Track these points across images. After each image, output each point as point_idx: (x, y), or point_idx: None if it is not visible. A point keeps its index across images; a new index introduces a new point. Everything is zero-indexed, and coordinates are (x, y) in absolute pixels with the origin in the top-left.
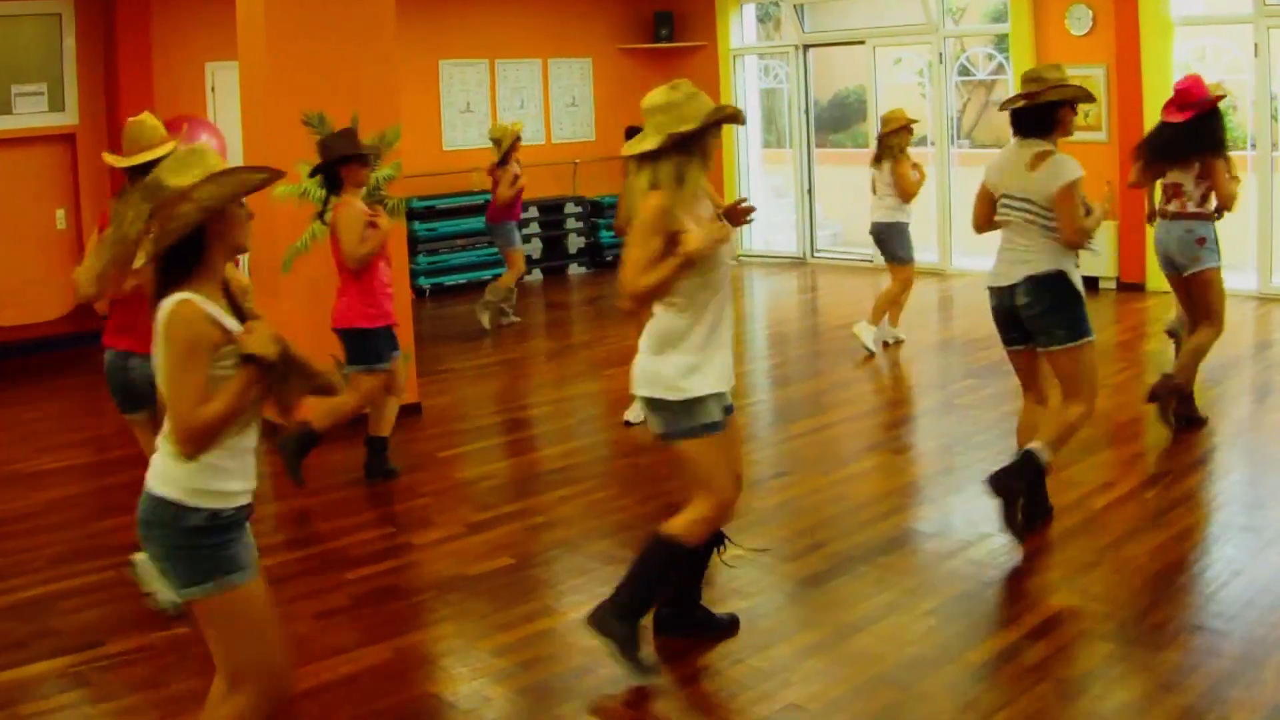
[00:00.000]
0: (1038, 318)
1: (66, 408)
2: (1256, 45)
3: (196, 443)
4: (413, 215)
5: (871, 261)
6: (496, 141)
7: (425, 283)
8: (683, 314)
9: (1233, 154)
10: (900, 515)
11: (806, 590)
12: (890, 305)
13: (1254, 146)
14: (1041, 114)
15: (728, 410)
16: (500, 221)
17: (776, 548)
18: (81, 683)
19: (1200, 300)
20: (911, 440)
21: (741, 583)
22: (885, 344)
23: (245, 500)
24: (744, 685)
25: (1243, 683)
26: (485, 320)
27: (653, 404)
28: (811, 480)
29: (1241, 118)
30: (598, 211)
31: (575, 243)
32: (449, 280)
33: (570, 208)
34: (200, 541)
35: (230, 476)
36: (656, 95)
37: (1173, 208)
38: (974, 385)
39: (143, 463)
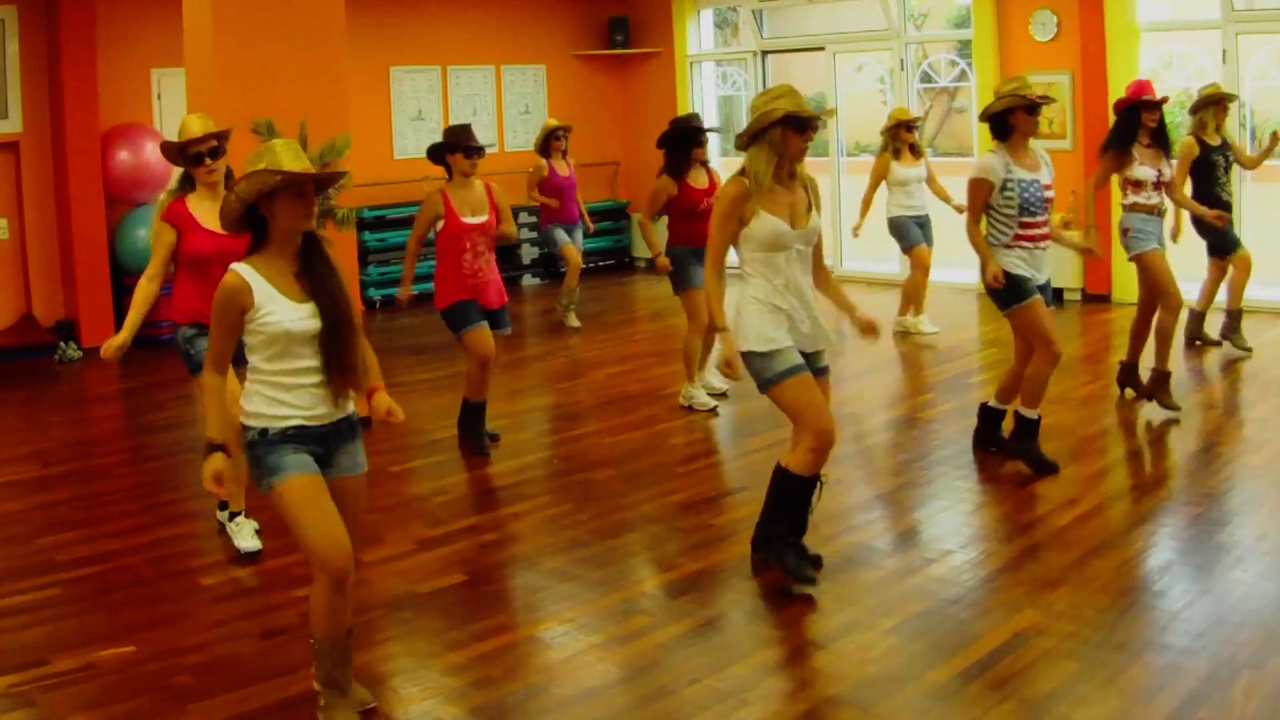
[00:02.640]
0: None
1: (10, 422)
2: (1224, 51)
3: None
4: (363, 225)
5: (831, 271)
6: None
7: (375, 294)
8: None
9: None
10: (862, 531)
11: (765, 607)
12: (916, 292)
13: None
14: (996, 121)
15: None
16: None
17: (734, 565)
18: (25, 702)
19: (1143, 283)
20: (872, 456)
21: (699, 601)
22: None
23: (295, 423)
24: (701, 705)
25: (1210, 702)
26: (571, 319)
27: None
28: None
29: None
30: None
31: (529, 253)
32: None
33: (524, 217)
34: (254, 453)
35: (278, 405)
36: (755, 97)
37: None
38: (935, 399)
39: (87, 478)
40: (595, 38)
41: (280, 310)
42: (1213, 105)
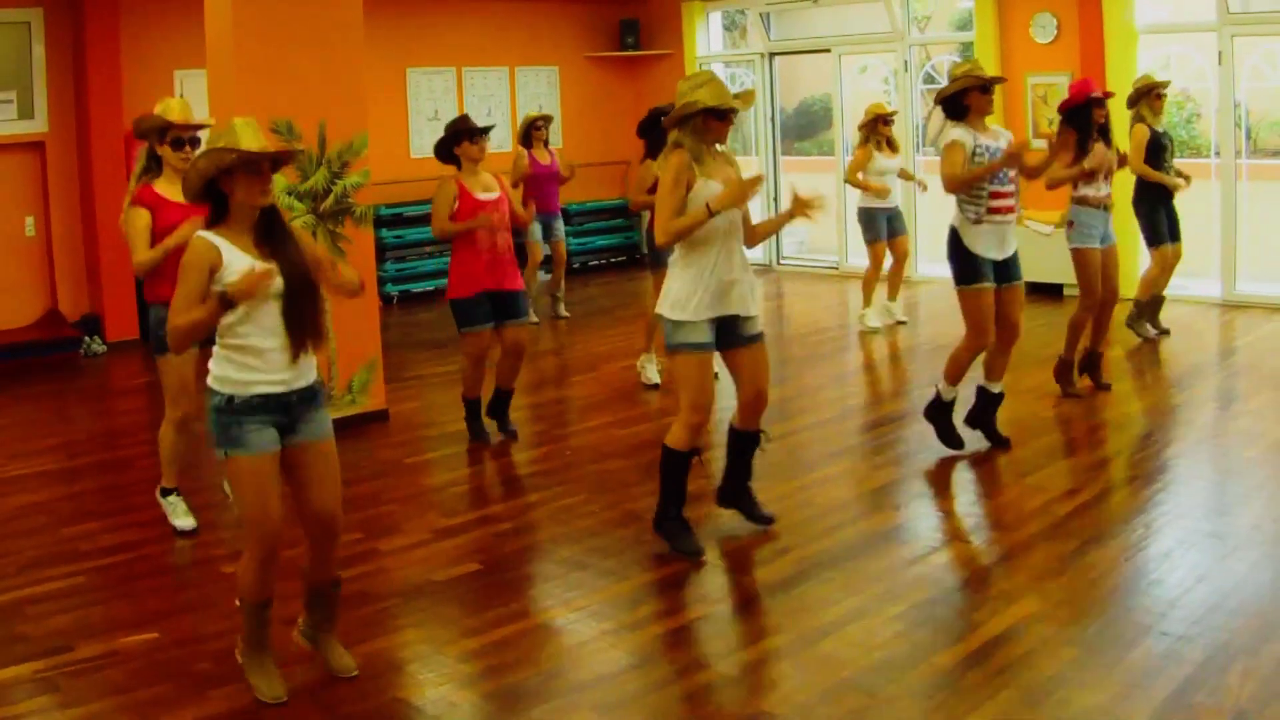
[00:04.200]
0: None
1: (36, 414)
2: (1220, 53)
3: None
4: (380, 222)
5: (837, 268)
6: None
7: (393, 290)
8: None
9: (1194, 161)
10: (867, 521)
11: (773, 595)
12: (869, 286)
13: (1218, 154)
14: (951, 103)
15: (752, 337)
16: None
17: (743, 554)
18: (50, 688)
19: (1077, 276)
20: (877, 446)
21: (708, 588)
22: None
23: (261, 390)
24: (711, 691)
25: (1207, 688)
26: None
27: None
28: (778, 486)
29: (1205, 126)
30: (565, 219)
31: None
32: (416, 287)
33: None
34: (217, 417)
35: (246, 370)
36: (680, 82)
37: None
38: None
39: (111, 469)
40: (607, 40)
41: (244, 265)
42: (1147, 95)
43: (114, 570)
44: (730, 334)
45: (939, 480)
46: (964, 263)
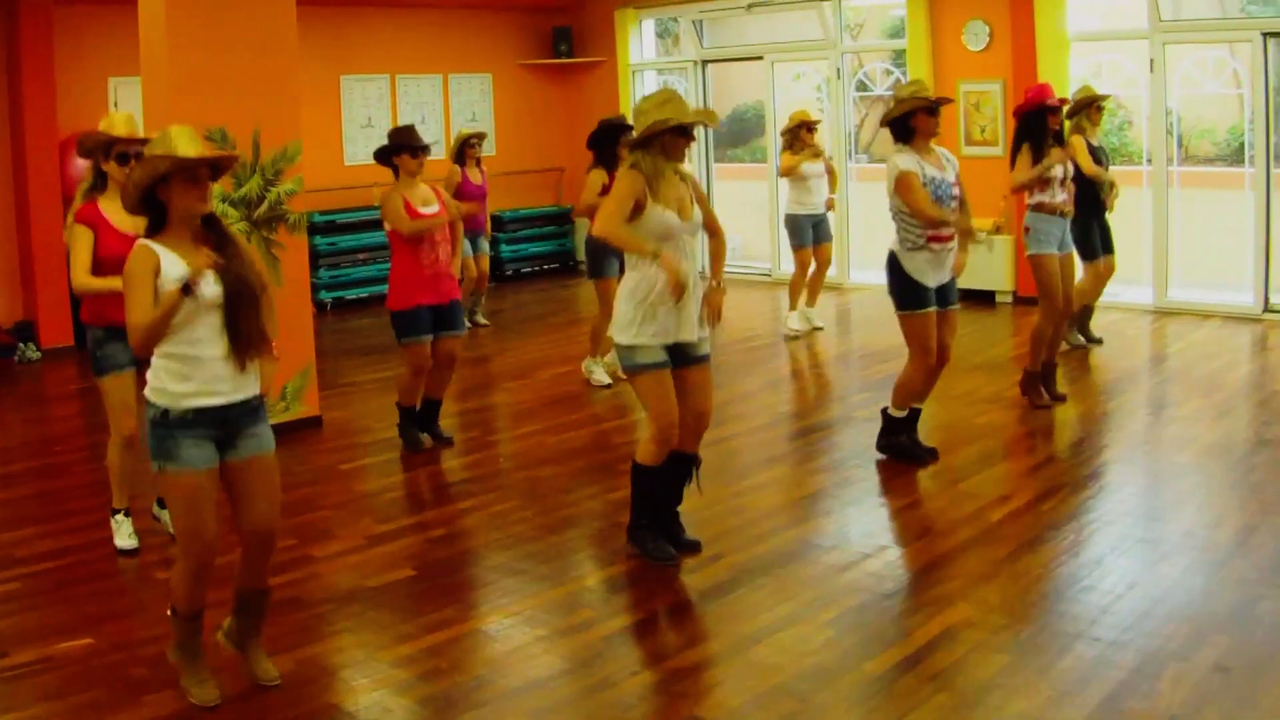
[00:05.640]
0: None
1: None
2: (1152, 61)
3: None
4: (314, 230)
5: (770, 275)
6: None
7: (326, 296)
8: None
9: (1126, 168)
10: (799, 527)
11: (706, 601)
12: (795, 290)
13: (1149, 161)
14: (898, 125)
15: (699, 358)
16: None
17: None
18: None
19: (1037, 284)
20: (810, 453)
21: (641, 594)
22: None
23: (198, 403)
24: (642, 697)
25: (1139, 694)
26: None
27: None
28: (711, 492)
29: (1136, 133)
30: (498, 226)
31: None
32: (350, 294)
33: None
34: (154, 430)
35: (182, 380)
36: (640, 100)
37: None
38: (871, 399)
39: (46, 475)
40: (540, 47)
41: (179, 274)
42: (1087, 107)
43: (49, 576)
44: (679, 353)
45: (871, 487)
46: (905, 288)
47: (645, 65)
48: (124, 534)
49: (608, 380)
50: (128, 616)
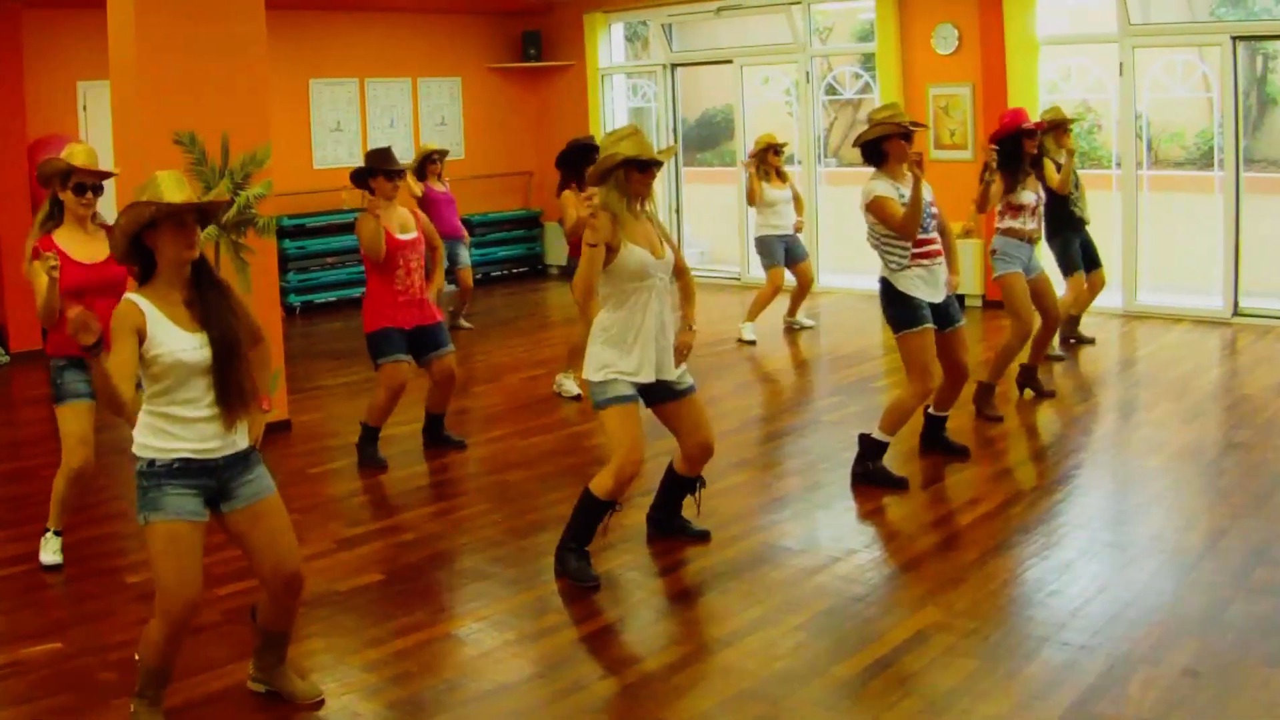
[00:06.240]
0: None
1: None
2: (1121, 65)
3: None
4: (283, 233)
5: (739, 279)
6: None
7: (295, 300)
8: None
9: (1095, 172)
10: (768, 531)
11: (675, 605)
12: (760, 303)
13: (1119, 165)
14: (870, 148)
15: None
16: None
17: (645, 564)
18: None
19: (1006, 304)
20: (779, 457)
21: (610, 599)
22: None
23: (183, 454)
24: (611, 701)
25: (1108, 698)
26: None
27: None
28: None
29: (1106, 137)
30: (468, 229)
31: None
32: (319, 298)
33: None
34: (140, 482)
35: (169, 438)
36: (606, 135)
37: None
38: (840, 402)
39: (14, 479)
40: (509, 51)
41: (171, 340)
42: (1055, 129)
43: (17, 580)
44: (661, 391)
45: (840, 491)
46: (901, 307)
47: (614, 69)
48: (50, 550)
49: (577, 391)
50: (96, 621)
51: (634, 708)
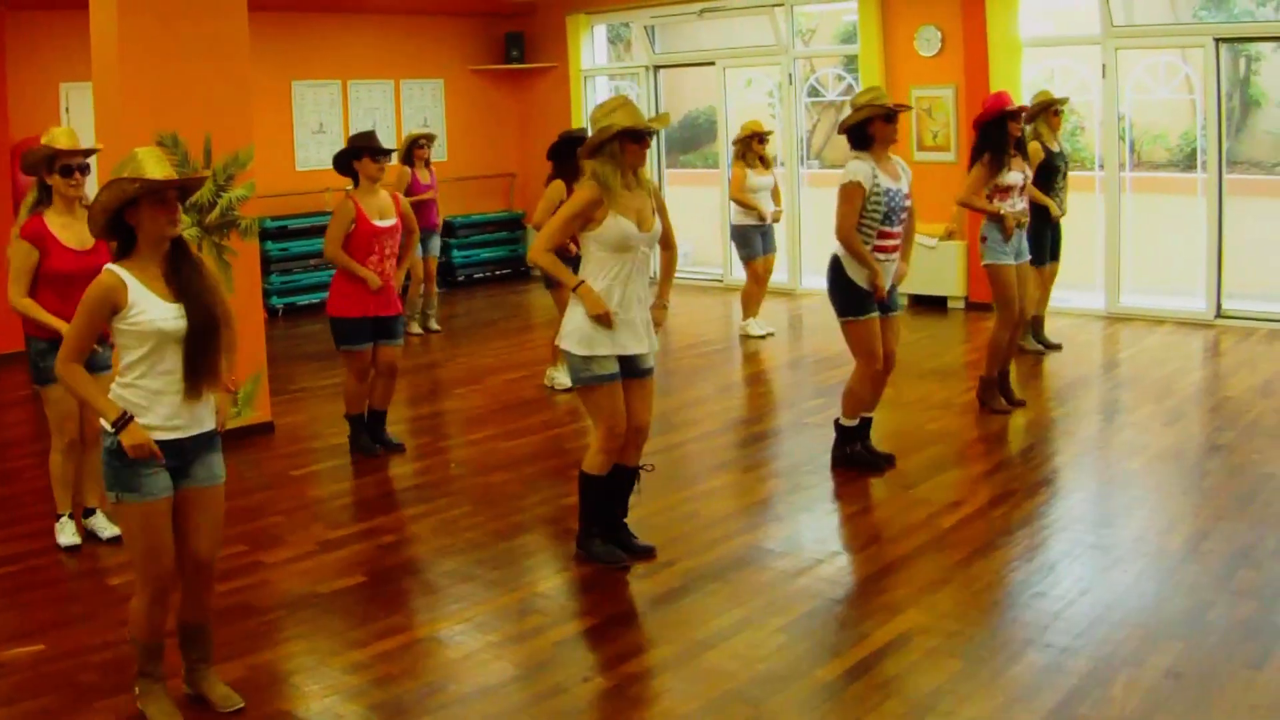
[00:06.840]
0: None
1: None
2: (1104, 66)
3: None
4: (265, 235)
5: (721, 281)
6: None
7: (278, 302)
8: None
9: (1078, 174)
10: (750, 533)
11: (657, 607)
12: (751, 299)
13: (1102, 167)
14: (855, 132)
15: (645, 371)
16: None
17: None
18: None
19: (993, 293)
20: (761, 459)
21: (593, 601)
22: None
23: (155, 437)
24: (593, 703)
25: (1091, 699)
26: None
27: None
28: (663, 498)
29: (1089, 138)
30: (449, 231)
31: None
32: (302, 300)
33: None
34: (110, 460)
35: (140, 412)
36: (594, 109)
37: None
38: (823, 404)
39: None
40: (492, 53)
41: (152, 308)
42: (1044, 112)
43: (0, 582)
44: (626, 365)
45: (823, 492)
46: (847, 294)
47: (597, 71)
48: (67, 533)
49: (570, 383)
50: (79, 623)
51: (616, 710)
